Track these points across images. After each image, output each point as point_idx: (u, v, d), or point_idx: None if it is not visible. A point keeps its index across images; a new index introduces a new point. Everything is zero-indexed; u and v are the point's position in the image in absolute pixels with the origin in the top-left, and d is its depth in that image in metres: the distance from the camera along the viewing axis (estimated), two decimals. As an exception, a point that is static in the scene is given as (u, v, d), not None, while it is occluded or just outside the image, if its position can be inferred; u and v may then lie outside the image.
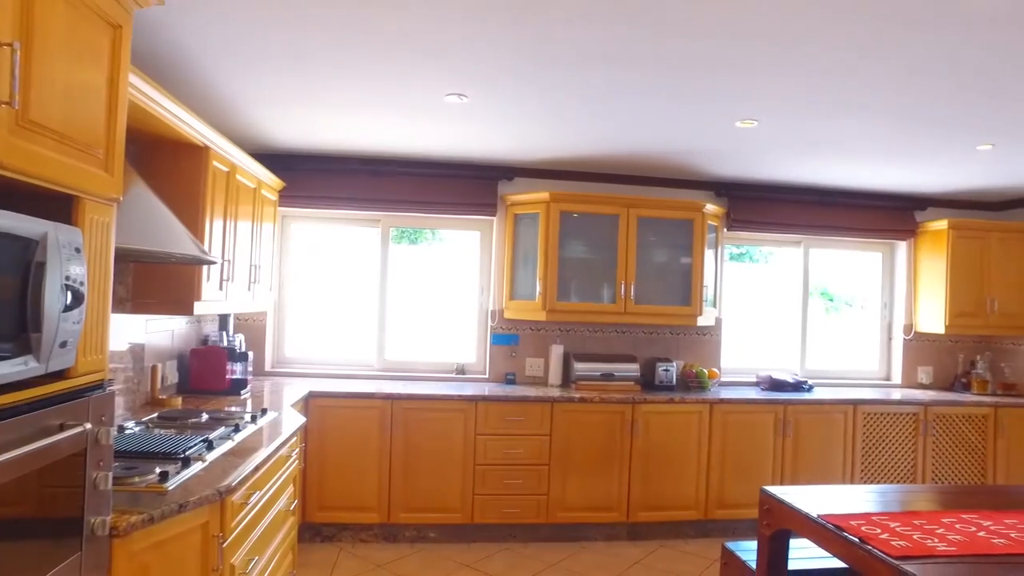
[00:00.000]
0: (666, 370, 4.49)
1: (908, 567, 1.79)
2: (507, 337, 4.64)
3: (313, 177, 4.40)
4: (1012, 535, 2.07)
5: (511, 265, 4.52)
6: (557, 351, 4.55)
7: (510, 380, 4.55)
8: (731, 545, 2.82)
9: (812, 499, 2.39)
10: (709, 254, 4.55)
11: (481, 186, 4.56)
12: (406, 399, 3.92)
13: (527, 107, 3.24)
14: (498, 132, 3.72)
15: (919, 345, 5.15)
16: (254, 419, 2.92)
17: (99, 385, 1.60)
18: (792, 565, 2.48)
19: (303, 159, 4.37)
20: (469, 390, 4.13)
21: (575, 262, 4.38)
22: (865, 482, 4.37)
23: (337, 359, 4.64)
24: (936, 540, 1.98)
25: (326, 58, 2.67)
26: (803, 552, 2.59)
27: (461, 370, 4.66)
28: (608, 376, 4.40)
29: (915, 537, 2.00)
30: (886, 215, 5.05)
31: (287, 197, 4.33)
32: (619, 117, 3.35)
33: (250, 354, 3.83)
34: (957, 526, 2.13)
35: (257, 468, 2.32)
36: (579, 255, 4.40)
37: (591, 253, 4.41)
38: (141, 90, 2.24)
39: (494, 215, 4.60)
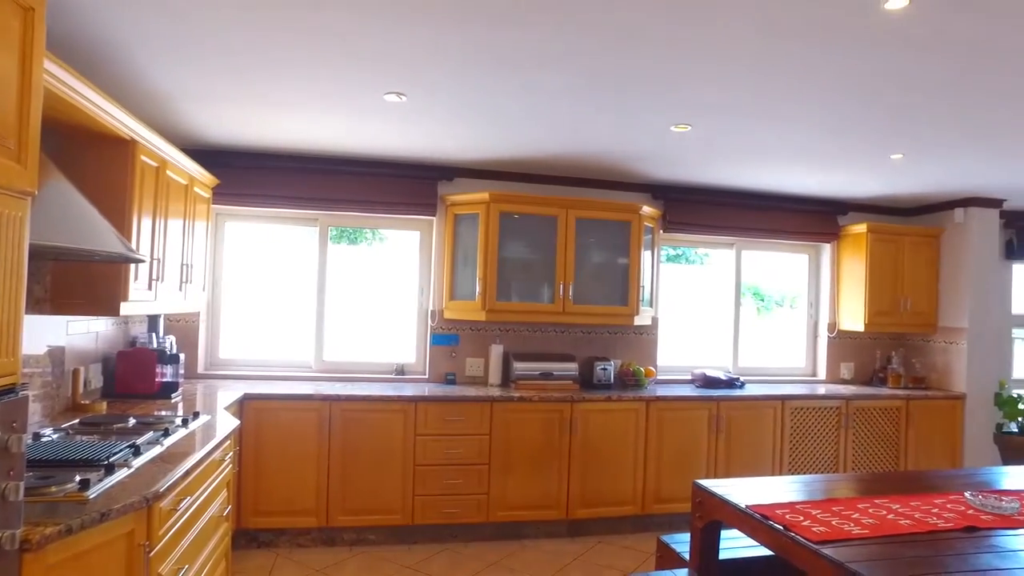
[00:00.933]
0: (604, 369, 4.58)
1: (826, 551, 1.89)
2: (447, 337, 4.63)
3: (249, 174, 4.28)
4: (916, 516, 2.22)
5: (451, 265, 4.52)
6: (497, 351, 4.57)
7: (450, 380, 4.55)
8: (666, 538, 2.90)
9: (741, 491, 2.49)
10: (646, 255, 4.66)
11: (421, 186, 4.54)
12: (345, 400, 3.87)
13: (467, 108, 3.26)
14: (438, 132, 3.71)
15: (842, 342, 5.42)
16: (185, 423, 2.82)
17: (10, 390, 1.52)
18: (723, 555, 2.57)
19: (238, 156, 4.26)
20: (409, 391, 4.11)
21: (515, 262, 4.42)
22: (792, 473, 4.57)
23: (274, 361, 4.54)
24: (852, 524, 2.10)
25: (262, 55, 2.62)
26: (733, 542, 2.69)
27: (401, 371, 4.62)
28: (547, 375, 4.46)
29: (833, 523, 2.11)
30: (812, 219, 5.30)
31: (222, 194, 4.21)
32: (558, 119, 3.40)
33: (182, 356, 3.70)
34: (871, 510, 2.26)
35: (188, 473, 2.25)
36: (518, 255, 4.44)
37: (530, 253, 4.46)
38: (60, 78, 2.13)
39: (434, 215, 4.59)
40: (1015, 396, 5.09)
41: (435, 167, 4.55)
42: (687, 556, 2.65)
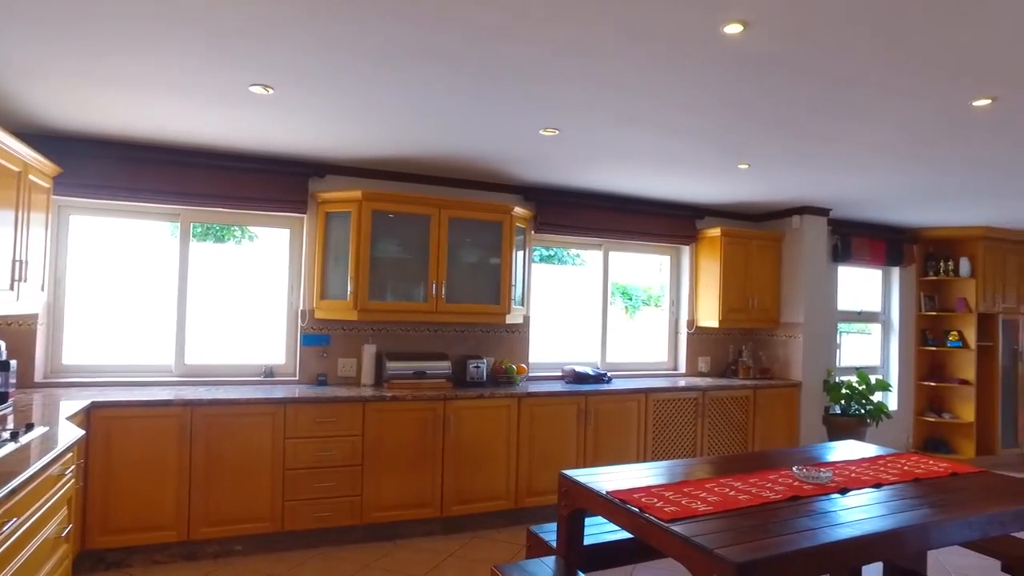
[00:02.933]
0: (477, 367, 4.66)
1: (675, 528, 2.06)
2: (318, 338, 4.52)
3: (98, 164, 3.94)
4: (752, 491, 2.47)
5: (322, 264, 4.41)
6: (369, 351, 4.52)
7: (322, 381, 4.44)
8: (535, 528, 3.00)
9: (604, 479, 2.64)
10: (518, 255, 4.79)
11: (291, 182, 4.40)
12: (208, 405, 3.67)
13: (337, 104, 3.20)
14: (308, 127, 3.62)
15: (700, 338, 5.85)
16: (15, 436, 2.56)
17: None
18: (588, 540, 2.71)
19: (85, 143, 3.90)
20: (278, 393, 3.97)
21: (387, 261, 4.38)
22: (655, 459, 4.87)
23: (128, 366, 4.22)
24: (699, 503, 2.30)
25: (105, 26, 2.38)
26: (597, 528, 2.84)
27: (270, 372, 4.45)
28: (420, 374, 4.46)
29: (683, 502, 2.30)
30: (673, 222, 5.68)
31: (65, 185, 3.85)
32: (431, 119, 3.42)
33: (13, 363, 3.34)
34: (716, 489, 2.48)
35: (14, 492, 2.04)
36: (391, 255, 4.41)
37: (403, 253, 4.44)
38: None
39: (304, 213, 4.46)
40: (839, 382, 5.75)
41: (306, 163, 4.42)
42: (554, 544, 2.77)
